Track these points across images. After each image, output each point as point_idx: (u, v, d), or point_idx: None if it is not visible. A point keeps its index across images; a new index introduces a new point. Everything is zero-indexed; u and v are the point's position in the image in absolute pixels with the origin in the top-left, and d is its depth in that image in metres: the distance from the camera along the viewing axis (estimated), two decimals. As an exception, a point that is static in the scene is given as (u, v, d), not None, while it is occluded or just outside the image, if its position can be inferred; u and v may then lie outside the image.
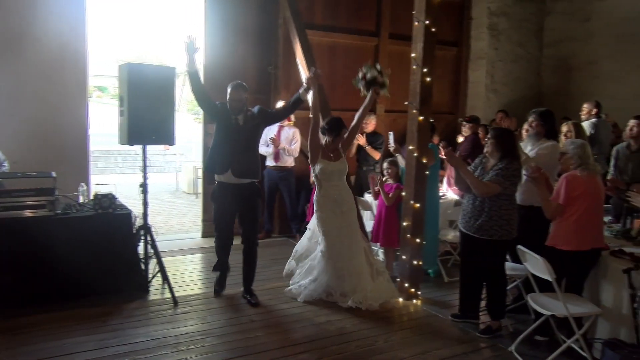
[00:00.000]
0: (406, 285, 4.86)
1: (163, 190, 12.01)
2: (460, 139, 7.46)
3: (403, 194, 4.95)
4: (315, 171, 4.72)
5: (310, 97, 4.73)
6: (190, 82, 4.39)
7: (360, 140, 6.65)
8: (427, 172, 4.86)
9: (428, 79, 4.69)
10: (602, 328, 3.72)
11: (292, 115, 5.76)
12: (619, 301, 3.58)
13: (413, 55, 4.75)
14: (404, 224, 4.87)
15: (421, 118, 4.71)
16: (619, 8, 8.04)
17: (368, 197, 6.07)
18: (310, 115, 4.70)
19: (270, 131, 6.39)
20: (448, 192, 6.28)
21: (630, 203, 3.14)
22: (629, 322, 3.49)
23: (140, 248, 4.84)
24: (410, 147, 4.78)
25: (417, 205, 4.77)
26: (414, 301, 4.83)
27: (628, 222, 4.78)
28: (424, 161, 4.77)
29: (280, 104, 6.62)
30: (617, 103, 7.65)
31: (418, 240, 4.81)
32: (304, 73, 6.37)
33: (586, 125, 6.08)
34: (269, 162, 6.73)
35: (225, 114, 4.46)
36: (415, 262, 4.82)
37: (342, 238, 4.68)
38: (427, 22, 4.61)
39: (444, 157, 4.69)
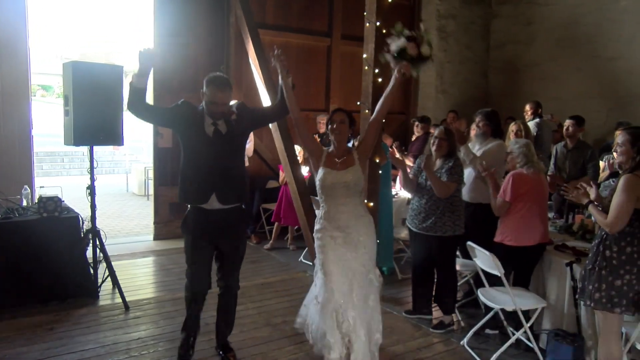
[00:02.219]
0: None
1: (112, 192, 11.69)
2: (413, 139, 7.60)
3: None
4: (316, 183, 3.53)
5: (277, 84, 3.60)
6: (130, 97, 3.10)
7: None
8: (379, 172, 4.93)
9: (380, 80, 4.76)
10: (547, 319, 3.88)
11: None
12: (562, 293, 3.74)
13: (365, 56, 4.81)
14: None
15: (373, 118, 4.77)
16: (558, 13, 8.41)
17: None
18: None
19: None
20: (401, 190, 6.38)
21: (568, 198, 3.29)
22: (571, 312, 3.66)
23: (89, 252, 4.69)
24: (364, 147, 4.83)
25: (371, 204, 4.83)
26: (369, 299, 4.89)
27: (570, 218, 5.02)
28: (377, 160, 4.84)
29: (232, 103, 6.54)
30: (559, 104, 8.01)
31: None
32: (256, 72, 6.33)
33: (531, 125, 6.32)
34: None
35: (195, 119, 3.24)
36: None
37: (340, 275, 3.35)
38: (378, 23, 4.68)
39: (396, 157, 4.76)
